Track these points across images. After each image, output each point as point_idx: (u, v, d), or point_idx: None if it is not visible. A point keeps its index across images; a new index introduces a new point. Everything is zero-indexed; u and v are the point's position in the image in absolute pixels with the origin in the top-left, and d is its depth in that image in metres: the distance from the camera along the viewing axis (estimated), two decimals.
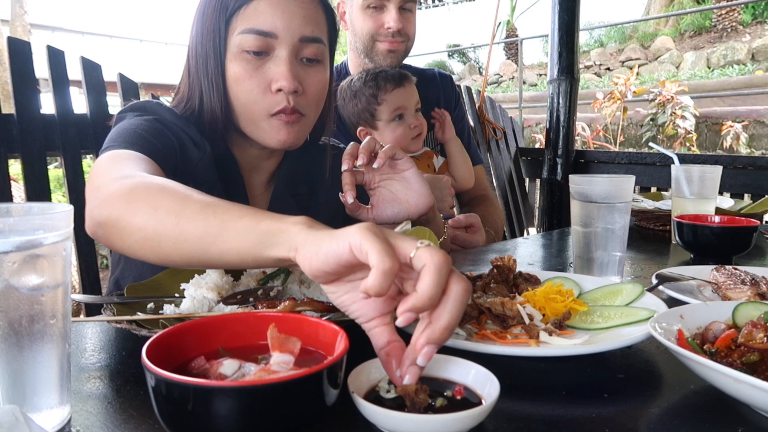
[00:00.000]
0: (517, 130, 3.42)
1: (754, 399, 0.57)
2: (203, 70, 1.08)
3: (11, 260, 0.52)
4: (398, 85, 1.72)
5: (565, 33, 2.84)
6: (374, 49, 1.79)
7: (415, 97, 1.76)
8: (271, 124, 1.07)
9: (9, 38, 1.64)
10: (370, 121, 1.74)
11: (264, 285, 0.89)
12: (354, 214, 1.09)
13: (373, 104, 1.72)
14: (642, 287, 0.88)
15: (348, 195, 1.04)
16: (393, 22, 1.75)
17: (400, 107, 1.72)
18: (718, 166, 1.50)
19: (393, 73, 1.74)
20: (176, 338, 0.57)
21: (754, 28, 12.95)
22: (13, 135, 1.58)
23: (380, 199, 1.11)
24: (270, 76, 1.05)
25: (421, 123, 1.75)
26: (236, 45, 1.04)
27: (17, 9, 10.44)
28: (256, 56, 1.04)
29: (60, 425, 0.57)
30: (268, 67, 1.05)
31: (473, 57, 16.67)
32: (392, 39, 1.77)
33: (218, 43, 1.05)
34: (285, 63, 1.04)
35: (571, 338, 0.75)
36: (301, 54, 1.07)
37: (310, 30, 1.06)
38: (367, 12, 1.77)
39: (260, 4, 1.03)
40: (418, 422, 0.52)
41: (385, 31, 1.77)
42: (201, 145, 1.09)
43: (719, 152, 7.76)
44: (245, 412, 0.48)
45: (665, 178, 2.68)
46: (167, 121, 1.05)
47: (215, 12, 1.05)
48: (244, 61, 1.04)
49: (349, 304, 0.61)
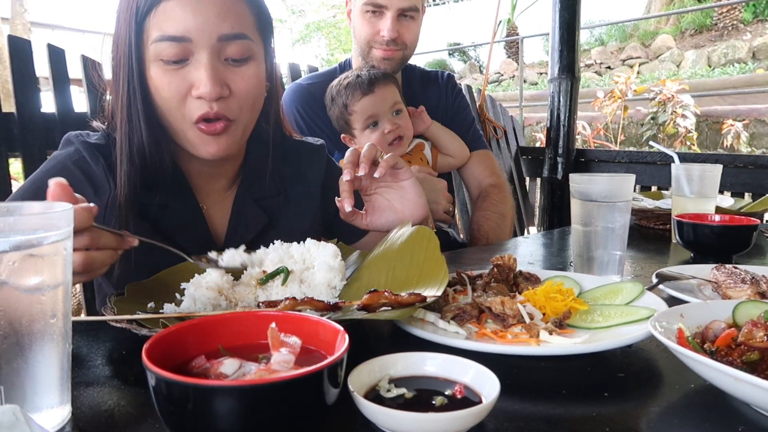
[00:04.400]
0: (518, 128, 3.42)
1: (754, 398, 0.57)
2: (123, 84, 0.98)
3: (11, 260, 0.52)
4: (367, 93, 1.67)
5: (566, 31, 2.84)
6: (370, 54, 1.78)
7: (391, 100, 1.70)
8: (197, 135, 1.00)
9: (9, 36, 1.64)
10: (347, 129, 1.72)
11: (264, 284, 0.89)
12: (349, 219, 1.09)
13: (346, 114, 1.70)
14: (642, 286, 0.88)
15: (346, 203, 1.03)
16: (387, 31, 1.72)
17: (372, 115, 1.68)
18: (719, 165, 1.49)
19: (363, 80, 1.68)
20: (176, 337, 0.57)
21: (755, 26, 12.93)
22: (14, 134, 1.58)
23: (375, 207, 1.10)
24: (189, 82, 0.96)
25: (398, 126, 1.70)
26: (153, 53, 0.96)
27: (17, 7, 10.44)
28: (174, 63, 0.96)
29: (60, 425, 0.57)
30: (188, 72, 0.96)
31: (474, 55, 16.65)
32: (387, 47, 1.75)
33: (131, 52, 0.96)
34: (204, 67, 0.95)
35: (572, 337, 0.75)
36: (223, 54, 0.98)
37: (229, 26, 0.96)
38: (366, 16, 1.75)
39: (168, 4, 0.94)
40: (419, 421, 0.52)
41: (380, 38, 1.74)
42: (103, 188, 1.02)
43: (720, 151, 7.75)
44: (245, 412, 0.48)
45: (666, 177, 2.68)
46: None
47: (126, 17, 0.96)
48: (161, 70, 0.96)
49: None
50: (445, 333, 0.76)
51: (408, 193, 1.09)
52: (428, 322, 0.79)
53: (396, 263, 0.90)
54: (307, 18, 19.45)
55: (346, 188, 1.03)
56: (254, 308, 0.83)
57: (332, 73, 1.89)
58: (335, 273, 0.90)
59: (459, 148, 1.91)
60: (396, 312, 0.74)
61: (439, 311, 0.82)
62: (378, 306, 0.74)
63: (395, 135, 1.70)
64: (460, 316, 0.80)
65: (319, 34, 19.08)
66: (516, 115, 3.89)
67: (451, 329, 0.77)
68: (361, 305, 0.74)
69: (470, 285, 0.92)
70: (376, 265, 0.94)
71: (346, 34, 17.39)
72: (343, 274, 0.92)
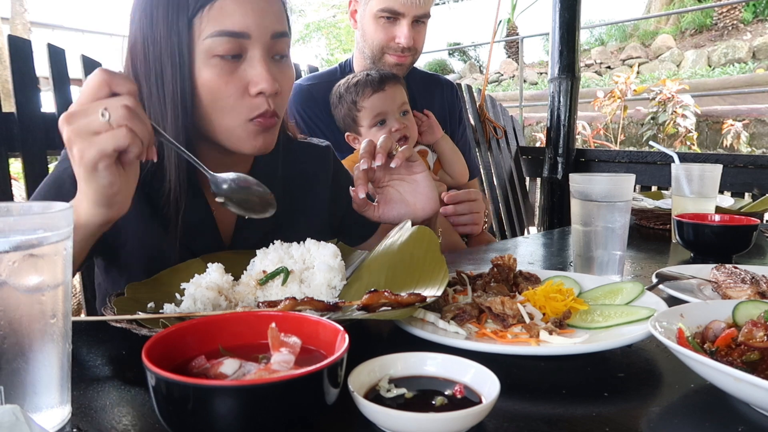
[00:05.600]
0: (518, 128, 3.42)
1: (754, 398, 0.57)
2: (159, 82, 0.96)
3: (11, 260, 0.52)
4: (377, 90, 1.68)
5: (566, 31, 2.84)
6: (382, 59, 1.77)
7: (399, 100, 1.71)
8: (248, 130, 1.00)
9: (9, 36, 1.64)
10: (353, 126, 1.72)
11: (263, 284, 0.89)
12: (361, 210, 1.10)
13: (354, 111, 1.70)
14: (642, 286, 0.88)
15: (360, 190, 1.05)
16: (404, 39, 1.71)
17: (381, 113, 1.68)
18: (719, 165, 1.50)
19: (373, 77, 1.69)
20: (176, 337, 0.57)
21: (755, 26, 12.93)
22: (14, 134, 1.58)
23: (388, 199, 1.12)
24: (246, 79, 0.97)
25: (405, 126, 1.71)
26: (205, 50, 0.94)
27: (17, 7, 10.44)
28: (230, 60, 0.96)
29: (60, 425, 0.57)
30: (243, 69, 0.97)
31: (474, 55, 16.65)
32: (401, 54, 1.75)
33: (180, 49, 0.94)
34: (262, 64, 0.96)
35: (572, 337, 0.75)
36: (273, 51, 1.00)
37: (281, 24, 0.99)
38: (380, 22, 1.73)
39: (226, 2, 0.94)
40: (419, 421, 0.52)
41: (395, 45, 1.74)
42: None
43: (720, 151, 7.75)
44: (245, 412, 0.48)
45: (666, 177, 2.68)
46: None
47: (170, 13, 0.94)
48: (217, 67, 0.95)
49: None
50: (445, 333, 0.76)
51: (420, 187, 1.10)
52: (428, 322, 0.79)
53: (396, 263, 0.90)
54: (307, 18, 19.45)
55: (361, 176, 1.05)
56: (254, 308, 0.83)
57: (332, 74, 1.88)
58: (335, 273, 0.90)
59: (461, 170, 1.91)
60: (396, 312, 0.74)
61: (439, 311, 0.82)
62: (378, 306, 0.74)
63: (401, 134, 1.71)
64: (460, 316, 0.80)
65: (319, 34, 19.08)
66: (516, 115, 3.89)
67: (451, 329, 0.77)
68: (361, 305, 0.74)
69: (470, 285, 0.92)
70: (376, 265, 0.94)
71: (346, 34, 17.40)
72: (343, 274, 0.92)
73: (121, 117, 0.75)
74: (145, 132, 0.78)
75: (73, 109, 0.78)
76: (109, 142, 0.76)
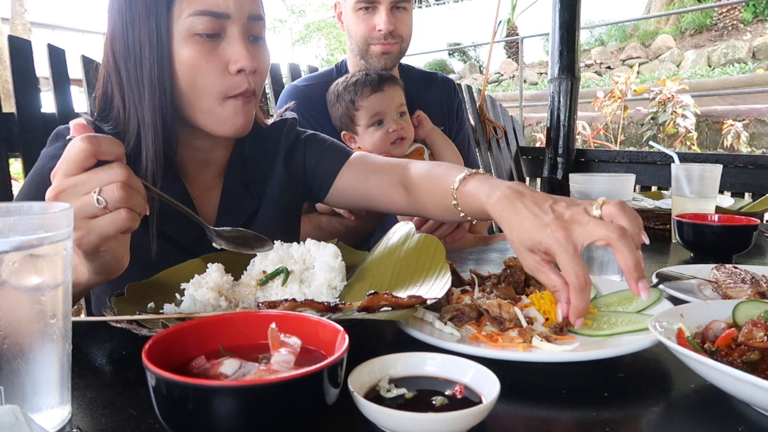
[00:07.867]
0: (518, 128, 3.42)
1: (754, 398, 0.57)
2: (138, 62, 0.97)
3: (11, 260, 0.52)
4: (376, 90, 1.69)
5: (566, 31, 2.84)
6: (368, 51, 1.78)
7: (397, 100, 1.72)
8: (227, 108, 1.02)
9: (9, 37, 1.64)
10: (351, 126, 1.73)
11: (263, 285, 0.89)
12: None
13: (352, 110, 1.71)
14: (659, 293, 0.86)
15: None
16: (383, 24, 1.72)
17: (379, 113, 1.69)
18: (719, 165, 1.50)
19: (372, 78, 1.70)
20: (176, 338, 0.57)
21: (755, 26, 12.93)
22: (14, 134, 1.58)
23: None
24: (226, 57, 1.00)
25: (402, 127, 1.72)
26: (185, 28, 0.97)
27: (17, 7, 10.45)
28: (209, 38, 0.99)
29: (60, 425, 0.57)
30: (222, 48, 1.00)
31: (474, 55, 16.65)
32: (384, 41, 1.75)
33: (158, 29, 0.97)
34: (241, 42, 1.00)
35: (569, 344, 0.74)
36: (250, 32, 1.03)
37: (257, 7, 1.04)
38: (359, 14, 1.75)
39: None
40: (419, 421, 0.52)
41: (377, 33, 1.75)
42: None
43: (720, 151, 7.75)
44: (245, 412, 0.48)
45: (666, 177, 2.68)
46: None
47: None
48: (197, 45, 0.98)
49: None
50: (440, 334, 0.76)
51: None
52: (427, 322, 0.79)
53: (401, 268, 0.90)
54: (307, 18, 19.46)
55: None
56: (254, 308, 0.83)
57: (328, 75, 1.89)
58: (335, 273, 0.90)
59: (453, 160, 1.90)
60: (396, 312, 0.74)
61: (440, 311, 0.82)
62: (378, 308, 0.74)
63: (398, 135, 1.71)
64: (458, 317, 0.79)
65: (319, 34, 19.08)
66: (516, 115, 3.89)
67: (446, 330, 0.77)
68: (361, 307, 0.74)
69: (479, 285, 0.92)
70: (379, 267, 0.94)
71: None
72: (344, 275, 0.92)
73: (119, 200, 0.70)
74: (142, 202, 0.74)
75: (60, 185, 0.71)
76: (110, 227, 0.71)
